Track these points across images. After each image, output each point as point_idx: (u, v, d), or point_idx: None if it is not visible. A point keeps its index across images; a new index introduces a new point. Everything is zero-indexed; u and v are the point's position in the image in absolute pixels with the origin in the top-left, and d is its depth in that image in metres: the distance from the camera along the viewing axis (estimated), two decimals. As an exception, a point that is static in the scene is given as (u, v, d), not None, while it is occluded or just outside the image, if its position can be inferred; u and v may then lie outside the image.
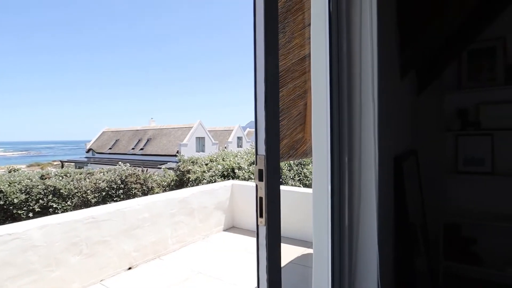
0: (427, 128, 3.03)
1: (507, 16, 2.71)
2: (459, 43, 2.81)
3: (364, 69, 1.46)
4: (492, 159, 2.74)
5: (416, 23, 2.08)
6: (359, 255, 1.48)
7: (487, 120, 2.77)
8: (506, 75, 2.70)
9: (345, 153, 1.46)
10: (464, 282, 2.74)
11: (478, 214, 2.76)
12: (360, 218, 1.47)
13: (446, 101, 2.96)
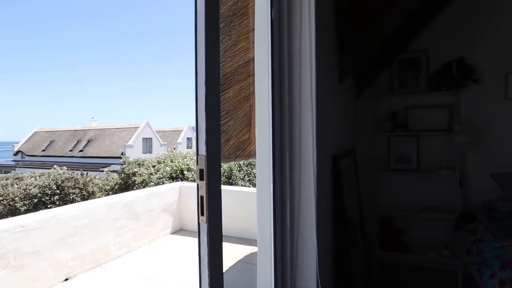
0: (364, 129, 3.28)
1: (429, 31, 3.06)
2: (391, 53, 3.10)
3: (304, 73, 1.56)
4: (417, 157, 3.06)
5: (353, 33, 2.25)
6: (300, 250, 1.56)
7: (413, 123, 3.09)
8: (428, 83, 3.04)
9: (286, 153, 1.54)
10: (395, 269, 3.02)
11: (406, 207, 3.06)
12: (301, 215, 1.56)
13: (380, 105, 3.24)
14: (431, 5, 2.95)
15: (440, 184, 3.01)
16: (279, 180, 1.52)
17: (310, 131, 1.52)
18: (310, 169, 1.52)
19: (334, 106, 2.14)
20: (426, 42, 3.08)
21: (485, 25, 2.89)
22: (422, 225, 3.07)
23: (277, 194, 1.50)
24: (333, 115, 2.13)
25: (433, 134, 3.00)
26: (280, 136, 1.54)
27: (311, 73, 1.53)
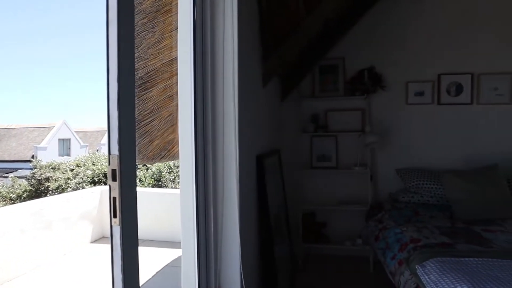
0: (289, 130, 3.47)
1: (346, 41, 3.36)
2: (312, 60, 3.32)
3: (227, 75, 1.59)
4: (336, 156, 3.34)
5: (277, 38, 2.36)
6: (224, 249, 1.59)
7: (333, 124, 3.36)
8: (344, 88, 3.35)
9: (209, 153, 1.55)
10: (318, 259, 3.25)
11: (327, 201, 3.32)
12: (224, 214, 1.58)
13: (303, 107, 3.45)
14: (347, 18, 3.25)
15: (355, 179, 3.33)
16: (202, 180, 1.52)
17: (233, 131, 1.56)
18: (233, 169, 1.55)
19: (258, 108, 2.22)
20: (343, 50, 3.38)
21: (389, 39, 3.29)
22: (340, 218, 3.36)
23: (200, 195, 1.50)
24: (258, 116, 2.21)
25: (349, 134, 3.31)
26: (203, 137, 1.55)
27: (234, 75, 1.57)
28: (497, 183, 2.64)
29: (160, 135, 2.31)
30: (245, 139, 1.79)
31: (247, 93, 1.85)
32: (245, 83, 1.80)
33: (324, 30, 3.20)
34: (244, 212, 1.77)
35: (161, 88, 2.20)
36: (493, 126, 3.15)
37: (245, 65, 1.80)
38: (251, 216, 1.97)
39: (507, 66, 3.12)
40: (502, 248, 1.91)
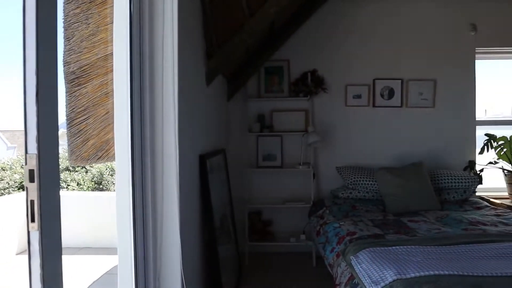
0: (236, 130, 3.48)
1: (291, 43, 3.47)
2: (258, 61, 3.38)
3: (167, 72, 1.54)
4: (281, 155, 3.44)
5: (221, 36, 2.36)
6: (164, 252, 1.54)
7: (278, 124, 3.45)
8: (289, 89, 3.46)
9: (147, 153, 1.49)
10: (264, 257, 3.30)
11: (273, 200, 3.40)
12: (164, 216, 1.53)
13: (250, 107, 3.49)
14: (291, 21, 3.37)
15: (299, 178, 3.46)
16: (140, 181, 1.46)
17: (172, 130, 1.52)
18: (173, 169, 1.51)
19: (202, 107, 2.20)
20: (288, 53, 3.49)
21: (330, 44, 3.48)
22: (285, 215, 3.46)
23: (138, 196, 1.44)
24: (201, 115, 2.18)
25: (294, 134, 3.42)
26: (141, 136, 1.49)
27: (174, 72, 1.53)
28: (421, 178, 2.92)
29: (96, 134, 2.17)
30: (186, 139, 1.76)
31: (189, 91, 1.82)
32: (187, 81, 1.77)
33: (270, 32, 3.28)
34: (186, 212, 1.73)
35: (96, 84, 2.07)
36: (419, 127, 3.49)
37: (187, 63, 1.77)
38: (194, 217, 1.94)
39: (430, 73, 3.48)
40: (423, 236, 2.13)
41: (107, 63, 2.04)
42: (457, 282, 1.41)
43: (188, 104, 1.80)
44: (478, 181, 3.19)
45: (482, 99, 3.59)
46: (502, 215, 2.61)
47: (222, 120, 3.10)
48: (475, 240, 1.94)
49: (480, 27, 3.46)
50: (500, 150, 3.28)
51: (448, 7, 3.46)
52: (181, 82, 1.61)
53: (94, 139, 2.16)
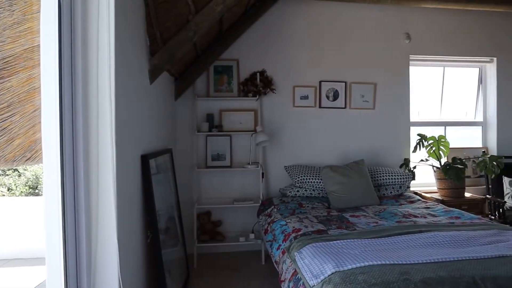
0: (184, 129, 3.40)
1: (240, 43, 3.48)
2: (207, 59, 3.33)
3: (102, 68, 1.45)
4: (230, 155, 3.43)
5: (165, 32, 2.28)
6: (99, 257, 1.44)
7: (227, 124, 3.44)
8: (238, 89, 3.46)
9: (80, 153, 1.39)
10: (213, 258, 3.27)
11: (222, 200, 3.37)
12: (99, 219, 1.44)
13: (198, 106, 3.43)
14: (241, 21, 3.37)
15: (248, 177, 3.48)
16: (71, 183, 1.36)
17: (109, 130, 1.43)
18: (109, 170, 1.43)
19: (144, 105, 2.11)
20: (237, 53, 3.49)
21: (279, 46, 3.55)
22: (235, 215, 3.46)
23: (68, 201, 1.33)
24: (144, 114, 2.09)
25: (243, 134, 3.44)
26: (73, 135, 1.38)
27: (110, 68, 1.44)
28: (363, 176, 3.11)
29: (23, 133, 1.97)
30: (126, 138, 1.67)
31: (129, 89, 1.74)
32: (126, 77, 1.68)
33: (219, 31, 3.25)
34: (126, 215, 1.65)
35: (23, 78, 1.88)
36: (361, 127, 3.71)
37: (126, 58, 1.68)
38: (135, 220, 1.85)
39: (371, 77, 3.71)
40: (362, 229, 2.26)
41: (35, 55, 1.87)
42: (388, 270, 1.51)
43: (128, 102, 1.71)
44: (411, 177, 3.48)
45: (415, 102, 3.93)
46: (431, 208, 2.87)
47: (169, 119, 3.01)
48: (406, 231, 2.10)
49: (413, 36, 3.78)
50: (430, 149, 3.60)
51: (386, 17, 3.72)
52: (119, 78, 1.53)
53: (21, 139, 1.96)
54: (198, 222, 3.33)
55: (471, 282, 1.43)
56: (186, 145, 3.38)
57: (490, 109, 4.05)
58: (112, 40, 1.44)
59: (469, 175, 3.91)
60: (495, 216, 3.30)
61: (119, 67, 1.51)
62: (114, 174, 1.43)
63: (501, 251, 1.71)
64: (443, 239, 1.93)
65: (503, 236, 1.98)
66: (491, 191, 3.64)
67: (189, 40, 2.25)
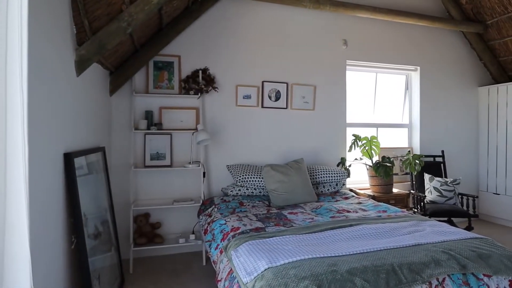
0: (120, 127, 3.21)
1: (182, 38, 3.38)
2: (146, 54, 3.18)
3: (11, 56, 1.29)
4: (171, 154, 3.31)
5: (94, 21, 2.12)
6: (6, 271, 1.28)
7: (167, 122, 3.32)
8: (179, 86, 3.36)
9: (-19, 149, 1.22)
10: (152, 262, 3.13)
11: (162, 200, 3.24)
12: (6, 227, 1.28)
13: (136, 103, 3.26)
14: (183, 16, 3.28)
15: (189, 177, 3.39)
16: (-31, 184, 1.18)
17: (20, 125, 1.27)
18: (19, 169, 1.27)
19: (69, 100, 1.93)
20: (179, 49, 3.39)
21: (223, 44, 3.53)
22: (176, 216, 3.35)
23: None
24: (69, 109, 1.92)
25: (184, 132, 3.35)
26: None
27: (21, 56, 1.29)
28: (302, 174, 3.22)
29: None
30: (43, 134, 1.51)
31: (47, 80, 1.58)
32: (44, 67, 1.52)
33: (159, 25, 3.12)
34: (43, 219, 1.49)
35: None
36: (302, 127, 3.84)
37: (44, 45, 1.52)
38: (56, 224, 1.68)
39: (311, 80, 3.87)
40: (298, 225, 2.33)
41: None
42: (318, 263, 1.57)
43: (47, 94, 1.55)
44: (347, 175, 3.69)
45: (351, 104, 4.18)
46: (363, 203, 3.07)
47: (102, 115, 2.81)
48: (338, 226, 2.22)
49: (350, 43, 4.02)
50: (363, 148, 3.86)
51: (325, 22, 3.91)
52: (35, 67, 1.37)
53: None
54: (135, 224, 3.16)
55: (390, 269, 1.55)
56: (123, 143, 3.19)
57: (414, 112, 4.47)
58: (25, 22, 1.29)
59: (397, 173, 4.27)
60: (418, 209, 3.65)
61: (35, 54, 1.36)
62: (26, 173, 1.28)
63: (417, 240, 1.88)
64: (370, 231, 2.07)
65: (420, 226, 2.19)
66: (414, 186, 4.02)
67: (123, 31, 2.12)
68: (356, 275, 1.50)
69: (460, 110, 4.63)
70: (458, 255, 1.70)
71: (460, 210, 3.48)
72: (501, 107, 4.42)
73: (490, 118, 4.58)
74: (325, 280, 1.45)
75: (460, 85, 4.62)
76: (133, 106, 3.20)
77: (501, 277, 1.66)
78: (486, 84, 4.74)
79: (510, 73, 4.61)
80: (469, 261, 1.67)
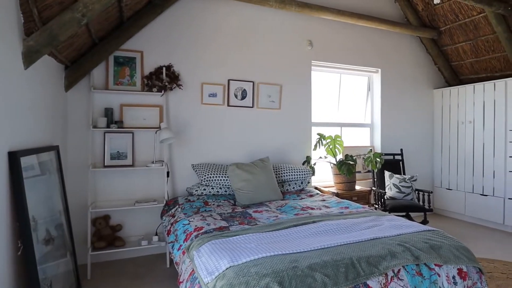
0: (76, 124, 3.04)
1: (145, 33, 3.26)
2: (106, 48, 3.03)
3: None
4: (133, 153, 3.19)
5: (48, 13, 1.98)
6: None
7: (129, 120, 3.19)
8: (142, 83, 3.25)
9: None
10: (112, 266, 2.98)
11: (124, 201, 3.11)
12: None
13: (95, 100, 3.10)
14: (146, 10, 3.16)
15: (152, 176, 3.28)
16: None
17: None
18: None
19: (14, 94, 1.79)
20: (142, 44, 3.27)
21: (188, 41, 3.45)
22: (138, 217, 3.23)
23: None
24: (14, 104, 1.78)
25: (147, 131, 3.24)
26: None
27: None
28: (267, 172, 3.23)
29: None
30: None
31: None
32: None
33: (120, 18, 2.99)
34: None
35: None
36: (268, 126, 3.85)
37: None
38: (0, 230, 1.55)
39: (277, 79, 3.89)
40: (263, 223, 2.33)
41: None
42: (279, 260, 1.58)
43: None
44: (312, 173, 3.76)
45: (316, 104, 4.27)
46: (326, 200, 3.14)
47: (56, 112, 2.64)
48: (301, 223, 2.25)
49: (315, 44, 4.10)
50: (328, 147, 3.95)
51: (291, 23, 3.96)
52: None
53: None
54: (94, 227, 3.01)
55: (349, 263, 1.59)
56: (80, 142, 3.03)
57: (376, 113, 4.65)
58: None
59: (360, 171, 4.42)
60: (378, 205, 3.80)
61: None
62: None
63: (375, 234, 1.95)
64: (331, 227, 2.11)
65: (379, 221, 2.27)
66: (376, 183, 4.19)
67: (77, 22, 2.00)
68: (316, 270, 1.52)
69: (417, 111, 4.89)
70: (412, 247, 1.78)
71: (416, 205, 3.67)
72: (453, 108, 4.72)
73: (443, 119, 4.88)
74: (286, 276, 1.46)
75: (417, 87, 4.88)
76: (91, 103, 3.03)
77: (450, 266, 1.76)
78: (440, 86, 5.05)
79: (461, 77, 4.93)
80: (422, 252, 1.75)
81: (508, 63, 4.27)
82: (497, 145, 4.16)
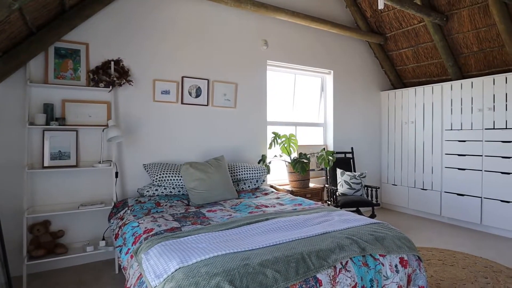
0: (10, 121, 2.75)
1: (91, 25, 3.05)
2: (45, 38, 2.79)
3: None
4: (76, 152, 2.96)
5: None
6: None
7: (72, 117, 2.96)
8: (87, 77, 3.03)
9: None
10: (52, 276, 2.74)
11: (66, 205, 2.88)
12: None
13: (32, 94, 2.83)
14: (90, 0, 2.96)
15: (99, 177, 3.08)
16: None
17: None
18: None
19: None
20: (88, 36, 3.06)
21: (139, 35, 3.29)
22: (83, 221, 3.01)
23: None
24: None
25: (93, 128, 3.03)
26: None
27: None
28: (222, 171, 3.19)
29: None
30: None
31: None
32: None
33: (61, 6, 2.76)
34: None
35: None
36: (223, 125, 3.81)
37: None
38: None
39: (232, 77, 3.87)
40: (216, 223, 2.29)
41: None
42: (230, 259, 1.55)
43: None
44: (267, 172, 3.79)
45: (272, 103, 4.31)
46: (281, 198, 3.18)
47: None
48: (255, 221, 2.24)
49: (270, 44, 4.14)
50: (283, 146, 4.01)
51: (247, 22, 3.95)
52: None
53: None
54: (31, 234, 2.74)
55: (300, 258, 1.62)
56: (13, 140, 2.74)
57: (328, 113, 4.83)
58: None
59: (313, 168, 4.55)
60: (331, 201, 3.94)
61: None
62: None
63: (325, 229, 2.00)
64: (284, 223, 2.14)
65: (330, 216, 2.35)
66: (328, 181, 4.34)
67: (7, 7, 1.81)
68: (267, 267, 1.52)
69: (366, 111, 5.16)
70: (359, 239, 1.86)
71: (365, 200, 3.86)
72: (398, 109, 5.06)
73: (389, 119, 5.20)
74: (237, 274, 1.44)
75: (366, 89, 5.15)
76: (27, 98, 2.77)
77: (393, 256, 1.86)
78: (386, 89, 5.38)
79: (405, 80, 5.30)
80: (368, 243, 1.84)
81: (443, 69, 4.67)
82: (435, 143, 4.54)
